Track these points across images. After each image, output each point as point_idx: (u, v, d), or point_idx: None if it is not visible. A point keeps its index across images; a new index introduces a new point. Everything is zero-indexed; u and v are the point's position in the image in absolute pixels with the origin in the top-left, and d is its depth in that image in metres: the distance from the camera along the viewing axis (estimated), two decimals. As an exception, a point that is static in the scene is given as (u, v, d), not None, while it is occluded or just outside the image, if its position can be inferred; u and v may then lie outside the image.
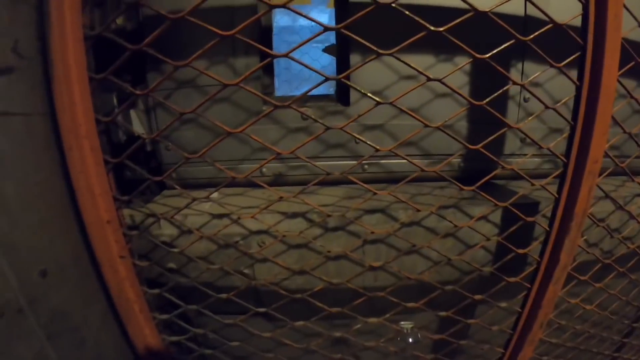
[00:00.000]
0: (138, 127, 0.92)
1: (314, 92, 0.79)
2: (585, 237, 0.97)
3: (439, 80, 0.72)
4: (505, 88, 0.80)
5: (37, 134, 0.74)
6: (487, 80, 0.91)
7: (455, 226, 0.86)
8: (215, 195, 0.94)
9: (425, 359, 1.00)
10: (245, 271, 0.91)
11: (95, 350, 0.88)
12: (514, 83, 0.77)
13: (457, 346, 1.03)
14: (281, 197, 0.80)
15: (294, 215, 0.84)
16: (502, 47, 0.73)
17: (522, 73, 0.97)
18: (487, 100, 0.76)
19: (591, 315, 1.13)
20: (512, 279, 0.91)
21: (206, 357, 1.07)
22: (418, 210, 0.83)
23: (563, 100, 0.81)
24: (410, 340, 0.94)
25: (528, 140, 0.96)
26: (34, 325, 0.74)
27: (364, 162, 0.95)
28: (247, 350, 1.07)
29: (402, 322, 0.95)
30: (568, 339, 1.16)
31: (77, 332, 0.83)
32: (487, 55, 0.72)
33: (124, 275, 0.85)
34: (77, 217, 0.81)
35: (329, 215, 0.83)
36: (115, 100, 0.85)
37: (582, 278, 0.97)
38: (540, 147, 0.83)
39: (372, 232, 0.86)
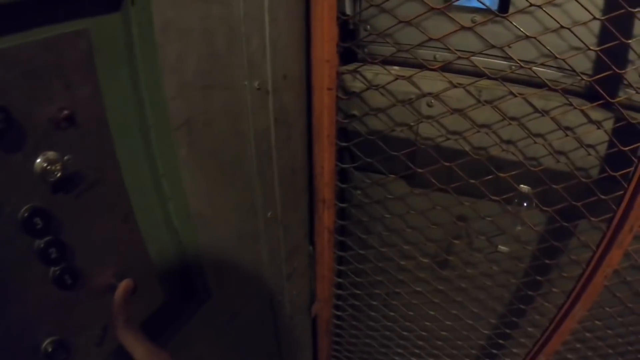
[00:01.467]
0: (348, 9, 1.25)
1: (481, 5, 1.07)
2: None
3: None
4: None
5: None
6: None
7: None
8: (396, 68, 1.26)
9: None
10: (411, 124, 1.22)
11: (291, 151, 1.26)
12: None
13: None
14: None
15: (457, 85, 1.13)
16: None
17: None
18: None
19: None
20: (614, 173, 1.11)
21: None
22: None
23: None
24: (525, 204, 1.18)
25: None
26: (270, 106, 1.12)
27: (512, 64, 1.19)
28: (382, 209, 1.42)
29: (522, 185, 1.19)
30: None
31: (288, 128, 1.22)
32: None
33: (326, 104, 1.19)
34: (308, 55, 1.18)
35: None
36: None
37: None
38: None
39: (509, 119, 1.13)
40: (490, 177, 1.17)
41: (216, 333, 1.22)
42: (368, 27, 1.24)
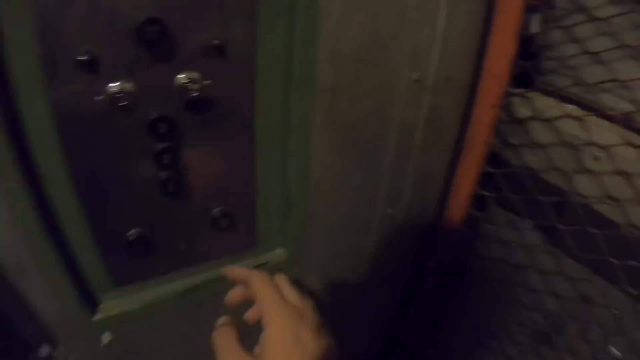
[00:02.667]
0: (535, 27, 1.14)
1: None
2: None
3: None
4: None
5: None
6: None
7: None
8: (570, 106, 1.13)
9: None
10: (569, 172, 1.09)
11: (433, 157, 1.22)
12: None
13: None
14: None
15: (633, 145, 0.98)
16: None
17: None
18: None
19: None
20: None
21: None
22: None
23: None
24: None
25: None
26: (424, 103, 1.08)
27: None
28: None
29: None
30: None
31: (438, 133, 1.17)
32: None
33: (485, 121, 1.12)
34: (479, 65, 1.11)
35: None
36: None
37: None
38: None
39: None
40: (635, 263, 1.01)
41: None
42: (551, 52, 1.12)
